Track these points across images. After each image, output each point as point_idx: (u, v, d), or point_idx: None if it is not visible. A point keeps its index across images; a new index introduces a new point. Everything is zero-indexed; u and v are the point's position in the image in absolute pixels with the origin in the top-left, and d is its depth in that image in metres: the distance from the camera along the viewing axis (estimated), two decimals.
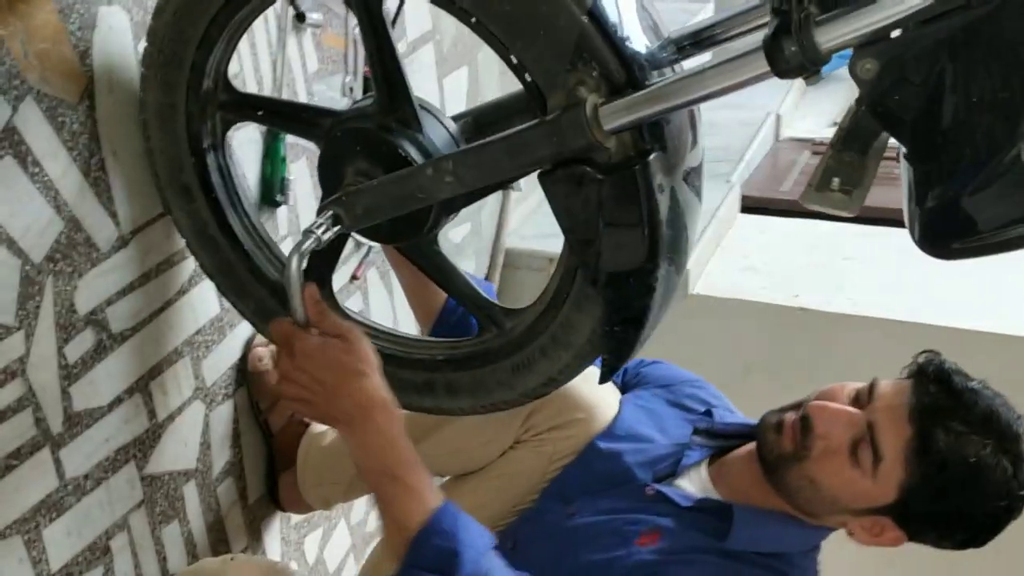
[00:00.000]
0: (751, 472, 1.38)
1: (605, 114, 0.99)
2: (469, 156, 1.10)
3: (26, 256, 1.22)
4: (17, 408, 1.24)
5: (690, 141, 1.11)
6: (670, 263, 1.11)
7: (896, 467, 1.27)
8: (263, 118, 1.38)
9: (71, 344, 1.31)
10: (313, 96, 1.72)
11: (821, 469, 1.31)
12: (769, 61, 0.88)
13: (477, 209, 2.37)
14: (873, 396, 1.32)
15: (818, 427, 1.31)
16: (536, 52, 1.03)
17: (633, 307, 1.12)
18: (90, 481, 1.37)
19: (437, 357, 1.32)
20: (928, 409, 1.27)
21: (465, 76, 2.22)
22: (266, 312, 1.39)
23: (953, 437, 1.25)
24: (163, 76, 1.29)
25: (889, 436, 1.28)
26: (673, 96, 0.96)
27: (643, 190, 1.03)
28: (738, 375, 2.47)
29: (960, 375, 1.30)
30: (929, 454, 1.25)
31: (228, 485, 1.67)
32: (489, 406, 1.31)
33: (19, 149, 1.19)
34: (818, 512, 1.35)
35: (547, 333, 1.20)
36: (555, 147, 1.02)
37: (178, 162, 1.35)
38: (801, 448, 1.32)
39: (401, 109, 1.17)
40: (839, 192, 0.95)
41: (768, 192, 3.17)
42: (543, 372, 1.23)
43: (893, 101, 0.86)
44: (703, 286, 2.51)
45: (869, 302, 2.42)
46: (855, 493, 1.31)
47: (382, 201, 1.16)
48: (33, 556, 1.29)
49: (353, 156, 1.18)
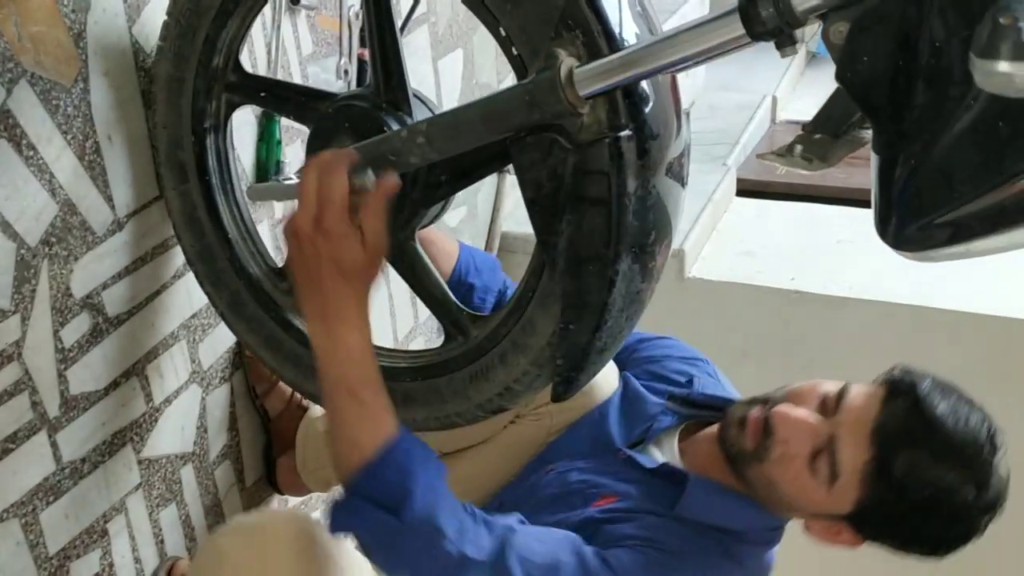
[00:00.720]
0: (716, 453, 1.38)
1: (580, 77, 0.96)
2: (443, 118, 1.08)
3: (21, 240, 1.22)
4: (13, 392, 1.24)
5: (673, 133, 1.07)
6: (634, 260, 1.06)
7: (852, 485, 1.26)
8: (266, 100, 1.37)
9: (67, 328, 1.31)
10: (308, 78, 1.72)
11: (778, 473, 1.30)
12: (744, 23, 0.86)
13: (473, 192, 2.37)
14: (841, 406, 1.29)
15: (779, 433, 1.30)
16: (523, 19, 1.02)
17: (591, 301, 1.07)
18: (87, 464, 1.37)
19: (398, 365, 1.26)
20: (891, 433, 1.24)
21: (460, 59, 2.21)
22: (239, 306, 1.37)
23: (914, 463, 1.23)
24: (176, 48, 1.29)
25: (849, 453, 1.26)
26: (648, 59, 0.94)
27: (611, 164, 1.00)
28: (734, 359, 2.48)
29: (934, 395, 1.26)
30: (887, 479, 1.24)
31: (225, 468, 1.67)
32: (443, 418, 1.25)
33: (13, 132, 1.19)
34: (775, 508, 1.35)
35: (508, 338, 1.15)
36: (528, 109, 0.99)
37: (178, 139, 1.34)
38: (761, 448, 1.31)
39: (394, 92, 1.17)
40: (800, 158, 0.94)
41: (764, 175, 3.16)
42: (500, 381, 1.18)
43: (862, 64, 0.85)
44: (699, 270, 2.51)
45: (866, 285, 2.41)
46: (810, 501, 1.30)
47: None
48: (30, 539, 1.29)
49: (340, 132, 1.18)
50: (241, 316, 1.38)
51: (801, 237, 2.65)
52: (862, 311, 2.38)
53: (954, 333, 2.31)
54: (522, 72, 1.04)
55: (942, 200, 0.85)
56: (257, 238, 1.40)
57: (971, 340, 2.30)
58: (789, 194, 2.99)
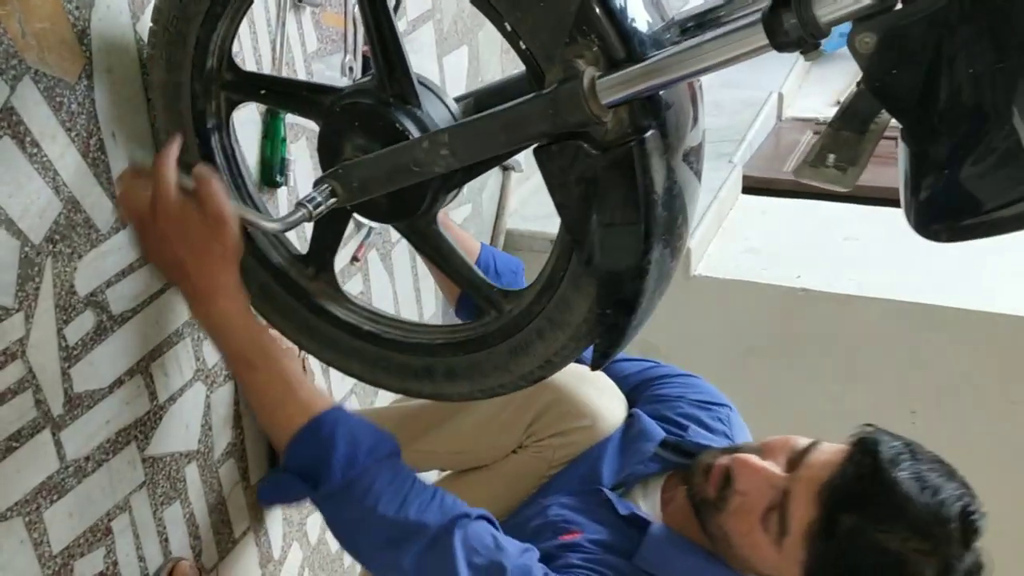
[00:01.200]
0: (689, 507, 1.36)
1: (602, 87, 0.97)
2: (465, 129, 1.09)
3: (25, 237, 1.22)
4: (17, 390, 1.24)
5: (691, 120, 1.09)
6: (665, 245, 1.08)
7: (799, 545, 1.22)
8: (266, 97, 1.37)
9: (71, 326, 1.31)
10: (312, 76, 1.71)
11: (734, 525, 1.28)
12: (768, 34, 0.87)
13: (478, 190, 2.37)
14: (803, 461, 1.26)
15: (738, 483, 1.28)
16: (534, 24, 1.01)
17: (625, 290, 1.10)
18: (91, 463, 1.37)
19: (436, 342, 1.30)
20: (839, 492, 1.20)
21: (465, 55, 2.21)
22: (269, 296, 1.39)
23: (856, 528, 1.18)
24: (168, 55, 1.28)
25: (798, 511, 1.22)
26: (671, 69, 0.95)
27: (639, 168, 1.01)
28: (740, 357, 2.47)
29: (899, 459, 1.20)
30: (829, 540, 1.19)
31: (230, 466, 1.67)
32: (487, 390, 1.29)
33: (17, 129, 1.18)
34: (734, 565, 1.32)
35: (543, 314, 1.19)
36: (552, 121, 1.01)
37: (183, 142, 1.34)
38: (720, 498, 1.29)
39: (400, 84, 1.17)
40: (833, 168, 0.94)
41: (770, 172, 3.16)
42: (540, 354, 1.22)
43: (891, 76, 0.85)
44: (704, 267, 2.51)
45: (872, 283, 2.41)
46: (761, 559, 1.28)
47: (377, 174, 1.15)
48: (34, 538, 1.29)
49: (351, 131, 1.18)
50: (273, 306, 1.39)
51: (807, 234, 2.65)
52: (868, 309, 2.37)
53: (961, 331, 2.31)
54: (534, 66, 1.04)
55: (972, 206, 0.85)
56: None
57: (978, 338, 2.30)
58: (795, 191, 2.98)
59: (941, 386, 2.24)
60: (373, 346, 1.34)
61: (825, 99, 3.83)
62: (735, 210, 2.78)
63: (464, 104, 1.24)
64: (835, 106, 3.88)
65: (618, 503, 1.38)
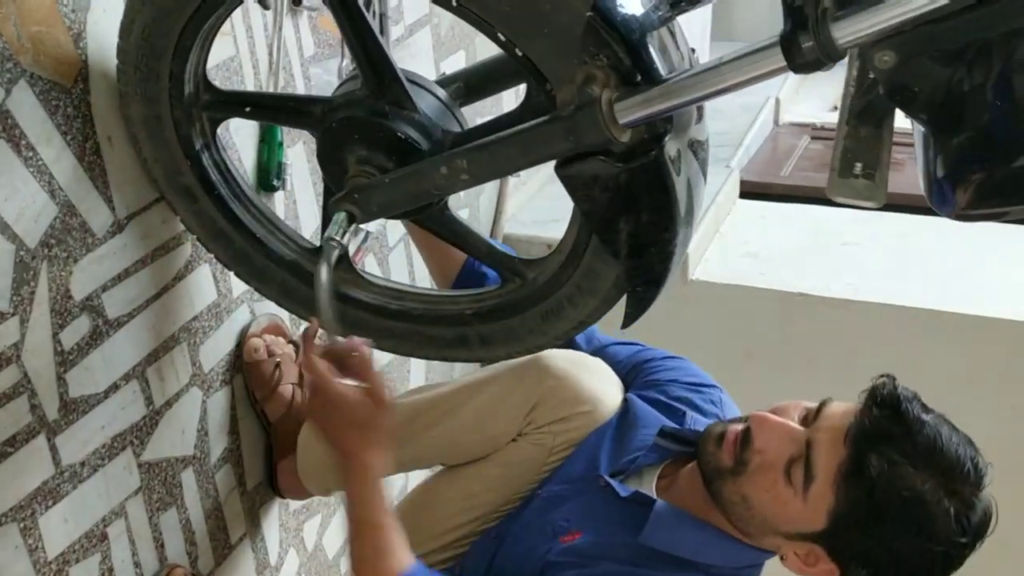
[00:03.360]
0: (695, 484, 1.35)
1: (620, 110, 0.99)
2: (483, 153, 1.11)
3: (20, 241, 1.21)
4: (12, 395, 1.23)
5: (696, 115, 1.12)
6: (687, 225, 1.14)
7: (826, 490, 1.22)
8: (251, 113, 1.37)
9: (67, 330, 1.30)
10: (309, 80, 1.71)
11: (754, 485, 1.28)
12: (786, 56, 0.88)
13: (475, 195, 2.36)
14: (819, 416, 1.27)
15: (757, 440, 1.28)
16: (541, 48, 1.03)
17: (654, 271, 1.15)
18: (87, 468, 1.36)
19: (466, 312, 1.33)
20: (865, 432, 1.21)
21: (463, 60, 2.21)
22: (290, 292, 1.41)
23: (887, 465, 1.19)
24: (142, 91, 1.28)
25: (824, 457, 1.23)
26: (689, 91, 0.97)
27: (663, 173, 1.05)
28: (738, 361, 2.47)
29: (914, 403, 1.23)
30: (859, 479, 1.20)
31: (226, 472, 1.66)
32: (524, 351, 1.35)
33: (12, 133, 1.18)
34: (751, 532, 1.31)
35: (571, 282, 1.22)
36: (570, 143, 1.04)
37: (174, 167, 1.35)
38: (738, 462, 1.29)
39: (390, 90, 1.17)
40: (862, 178, 0.94)
41: (767, 177, 3.16)
42: (572, 318, 1.26)
43: (912, 90, 0.86)
44: (702, 272, 2.50)
45: (869, 287, 2.40)
46: (786, 514, 1.27)
47: (397, 199, 1.18)
48: (29, 544, 1.28)
49: (352, 144, 1.18)
50: (296, 300, 1.42)
51: (805, 239, 2.64)
52: (866, 313, 2.37)
53: (959, 336, 2.30)
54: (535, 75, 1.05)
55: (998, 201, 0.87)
56: (283, 225, 1.42)
57: (977, 343, 2.29)
58: (793, 196, 2.97)
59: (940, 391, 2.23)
60: (403, 323, 1.37)
61: (822, 104, 3.84)
62: (733, 215, 2.77)
63: (454, 88, 1.25)
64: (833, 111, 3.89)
65: (618, 487, 1.38)
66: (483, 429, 1.49)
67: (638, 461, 1.42)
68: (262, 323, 1.67)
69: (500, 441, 1.50)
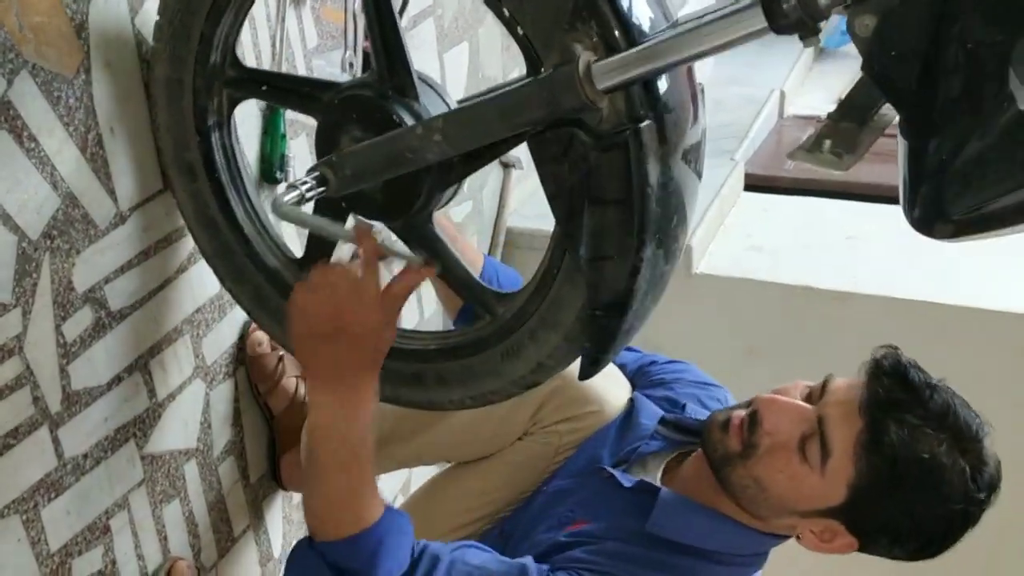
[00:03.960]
0: (701, 472, 1.34)
1: (598, 72, 0.96)
2: (459, 115, 1.08)
3: (22, 232, 1.21)
4: (15, 386, 1.23)
5: (691, 118, 1.07)
6: (658, 246, 1.06)
7: (845, 463, 1.22)
8: (267, 93, 1.36)
9: (69, 322, 1.30)
10: (312, 72, 1.70)
11: (767, 467, 1.26)
12: (767, 16, 0.85)
13: (478, 188, 2.36)
14: (826, 392, 1.27)
15: (766, 422, 1.27)
16: (534, 11, 1.01)
17: (617, 289, 1.07)
18: (89, 460, 1.36)
19: (429, 347, 1.27)
20: (880, 401, 1.22)
21: (466, 52, 2.20)
22: (263, 299, 1.37)
23: (906, 430, 1.20)
24: (172, 49, 1.28)
25: (839, 430, 1.22)
26: (668, 53, 0.94)
27: (633, 158, 1.00)
28: (742, 355, 2.46)
29: (917, 370, 1.24)
30: (880, 447, 1.20)
31: (229, 464, 1.66)
32: (479, 397, 1.26)
33: (14, 124, 1.18)
34: (765, 514, 1.30)
35: (536, 315, 1.16)
36: (546, 105, 0.99)
37: (183, 139, 1.34)
38: (748, 446, 1.28)
39: (399, 77, 1.16)
40: (829, 154, 0.93)
41: (772, 170, 3.14)
42: (531, 358, 1.19)
43: (890, 60, 0.84)
44: (706, 265, 2.49)
45: (874, 280, 2.40)
46: (803, 492, 1.26)
47: (370, 162, 1.13)
48: (32, 536, 1.28)
49: (349, 124, 1.17)
50: (265, 309, 1.38)
51: (809, 232, 2.63)
52: (871, 306, 2.36)
53: (963, 329, 2.30)
54: (532, 54, 1.03)
55: (973, 196, 0.84)
56: (273, 231, 1.39)
57: (981, 336, 2.29)
58: (797, 189, 2.96)
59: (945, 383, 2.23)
60: None
61: (827, 96, 3.82)
62: (737, 208, 2.77)
63: None
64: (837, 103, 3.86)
65: (622, 477, 1.37)
66: (485, 428, 1.49)
67: (640, 450, 1.42)
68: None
69: (506, 440, 1.50)
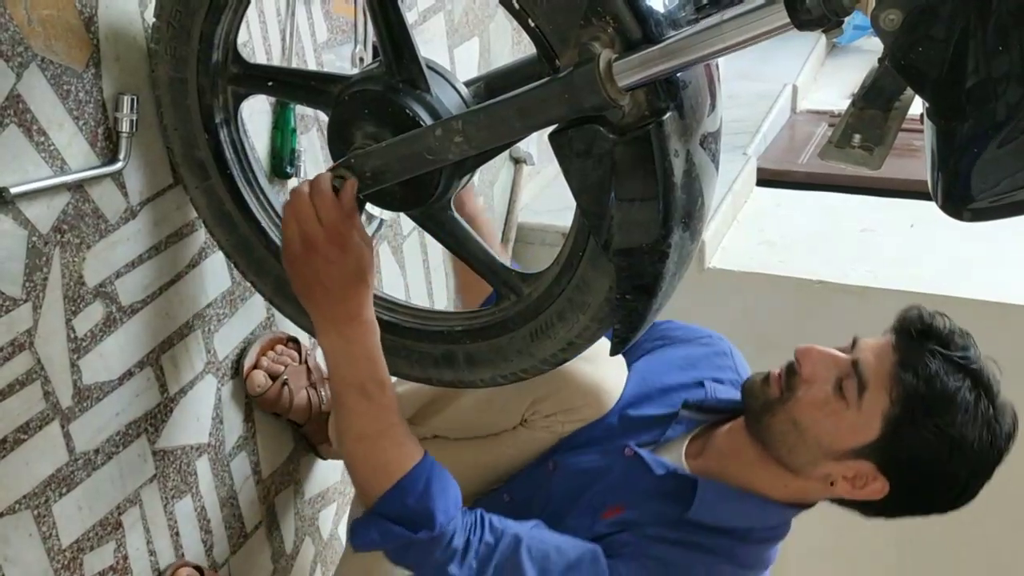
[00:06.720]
0: (731, 446, 1.39)
1: (619, 70, 0.95)
2: (479, 116, 1.07)
3: (33, 227, 1.20)
4: (25, 381, 1.23)
5: (708, 104, 1.07)
6: (684, 228, 1.07)
7: (880, 395, 1.26)
8: (273, 89, 1.36)
9: (80, 317, 1.29)
10: (323, 66, 1.70)
11: (805, 406, 1.31)
12: (789, 12, 0.85)
13: (489, 183, 2.35)
14: (856, 346, 1.32)
15: (804, 369, 1.32)
16: (548, 7, 0.99)
17: (645, 274, 1.08)
18: (100, 455, 1.36)
19: (456, 328, 1.30)
20: (912, 338, 1.28)
21: (476, 47, 2.19)
22: (285, 291, 1.37)
23: (937, 361, 1.26)
24: (172, 50, 1.27)
25: (874, 366, 1.28)
26: (690, 50, 0.93)
27: (657, 151, 0.99)
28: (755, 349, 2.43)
29: (944, 317, 1.32)
30: (914, 373, 1.25)
31: (241, 459, 1.66)
32: (510, 376, 1.29)
33: (24, 118, 1.17)
34: (801, 462, 1.33)
35: (563, 296, 1.18)
36: (567, 105, 0.99)
37: (191, 138, 1.33)
38: (786, 390, 1.33)
39: (407, 69, 1.15)
40: (860, 148, 0.92)
41: (785, 165, 3.13)
42: (561, 337, 1.21)
43: (917, 53, 0.83)
44: (719, 260, 2.48)
45: (888, 274, 2.38)
46: (839, 429, 1.29)
47: (390, 163, 1.13)
48: (43, 531, 1.28)
49: (361, 119, 1.16)
50: (289, 299, 1.39)
51: (822, 226, 2.62)
52: (885, 300, 2.34)
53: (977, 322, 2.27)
54: (546, 47, 1.02)
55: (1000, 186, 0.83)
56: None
57: (995, 329, 2.26)
58: (810, 183, 2.95)
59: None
60: (393, 336, 1.33)
61: (840, 91, 3.80)
62: (750, 202, 2.76)
63: (475, 88, 1.23)
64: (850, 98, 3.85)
65: (649, 459, 1.39)
66: (484, 418, 1.48)
67: (667, 434, 1.44)
68: (254, 352, 1.63)
69: (503, 427, 1.49)
